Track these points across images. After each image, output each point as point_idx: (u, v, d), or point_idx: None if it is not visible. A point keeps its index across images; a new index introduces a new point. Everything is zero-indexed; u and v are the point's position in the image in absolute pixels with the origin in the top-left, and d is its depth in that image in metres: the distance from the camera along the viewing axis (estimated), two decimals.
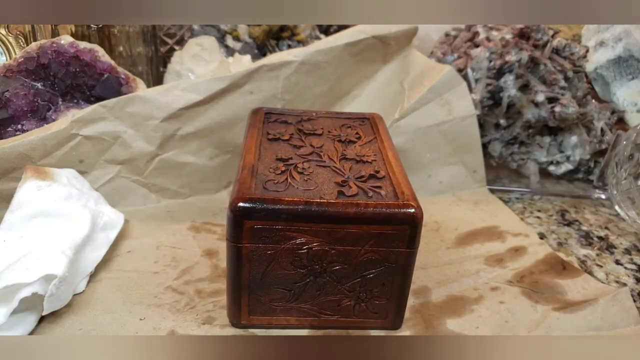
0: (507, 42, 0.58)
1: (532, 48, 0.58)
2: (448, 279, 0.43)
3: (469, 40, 0.62)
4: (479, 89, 0.57)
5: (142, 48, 0.64)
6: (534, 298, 0.40)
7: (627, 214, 0.52)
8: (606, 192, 0.58)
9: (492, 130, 0.59)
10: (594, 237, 0.51)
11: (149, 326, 0.36)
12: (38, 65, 0.48)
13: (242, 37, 0.67)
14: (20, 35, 0.53)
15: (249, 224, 0.32)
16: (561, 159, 0.60)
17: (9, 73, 0.48)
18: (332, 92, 0.56)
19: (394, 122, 0.55)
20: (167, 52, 0.67)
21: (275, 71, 0.52)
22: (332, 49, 0.53)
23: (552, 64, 0.58)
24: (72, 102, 0.50)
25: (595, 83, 0.65)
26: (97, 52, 0.50)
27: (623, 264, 0.47)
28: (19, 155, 0.44)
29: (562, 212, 0.56)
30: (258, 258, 0.33)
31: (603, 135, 0.59)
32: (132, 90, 0.51)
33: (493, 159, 0.60)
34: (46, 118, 0.49)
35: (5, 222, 0.39)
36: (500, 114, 0.58)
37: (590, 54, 0.64)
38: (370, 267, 0.34)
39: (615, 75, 0.63)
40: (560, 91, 0.57)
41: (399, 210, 0.33)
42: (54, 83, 0.49)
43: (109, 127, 0.47)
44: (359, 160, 0.38)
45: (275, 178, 0.34)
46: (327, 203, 0.32)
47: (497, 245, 0.48)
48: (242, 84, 0.51)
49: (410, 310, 0.38)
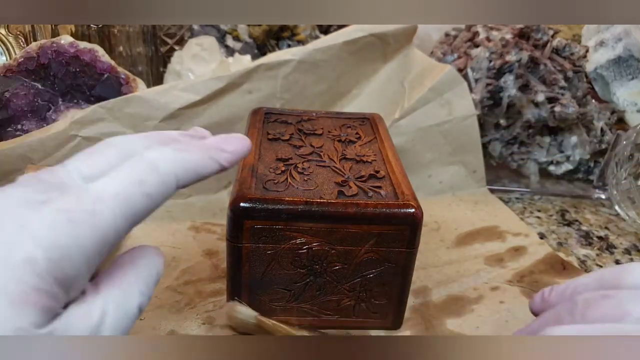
0: (507, 42, 0.58)
1: (532, 48, 0.58)
2: (448, 279, 0.43)
3: (469, 40, 0.62)
4: (479, 89, 0.57)
5: (142, 48, 0.64)
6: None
7: (627, 214, 0.52)
8: (606, 192, 0.58)
9: (492, 130, 0.59)
10: (594, 237, 0.51)
11: (149, 326, 0.36)
12: (38, 65, 0.48)
13: (242, 37, 0.67)
14: (20, 35, 0.53)
15: (249, 224, 0.32)
16: (561, 159, 0.60)
17: (9, 73, 0.48)
18: (332, 91, 0.56)
19: (394, 122, 0.54)
20: (167, 52, 0.67)
21: (274, 70, 0.52)
22: (330, 48, 0.53)
23: (552, 64, 0.58)
24: (72, 102, 0.50)
25: (595, 83, 0.65)
26: (97, 52, 0.50)
27: (623, 263, 0.47)
28: (19, 157, 0.44)
29: (562, 212, 0.56)
30: (258, 258, 0.33)
31: (603, 135, 0.59)
32: (132, 91, 0.51)
33: (493, 159, 0.60)
34: (46, 118, 0.49)
35: None
36: (500, 114, 0.58)
37: (590, 54, 0.64)
38: (370, 267, 0.34)
39: (615, 75, 0.63)
40: (560, 91, 0.57)
41: (399, 210, 0.33)
42: (54, 83, 0.49)
43: (108, 128, 0.47)
44: (359, 160, 0.38)
45: (275, 178, 0.34)
46: (327, 203, 0.32)
47: (497, 245, 0.48)
48: (241, 84, 0.51)
49: (410, 310, 0.38)
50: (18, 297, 0.19)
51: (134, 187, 0.24)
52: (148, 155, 0.25)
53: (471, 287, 0.42)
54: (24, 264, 0.20)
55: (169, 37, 0.67)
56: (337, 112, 0.47)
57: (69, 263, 0.21)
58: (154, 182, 0.24)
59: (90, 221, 0.22)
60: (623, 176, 0.51)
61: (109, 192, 0.23)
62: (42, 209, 0.21)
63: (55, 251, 0.20)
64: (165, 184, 0.25)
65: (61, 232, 0.21)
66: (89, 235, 0.21)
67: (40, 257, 0.20)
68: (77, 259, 0.21)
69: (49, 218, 0.21)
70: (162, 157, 0.25)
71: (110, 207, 0.23)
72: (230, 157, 0.29)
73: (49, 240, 0.20)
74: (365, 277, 0.34)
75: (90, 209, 0.22)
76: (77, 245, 0.21)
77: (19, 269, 0.19)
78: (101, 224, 0.22)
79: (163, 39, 0.67)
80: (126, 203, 0.23)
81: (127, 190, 0.23)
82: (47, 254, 0.20)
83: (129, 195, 0.23)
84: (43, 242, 0.20)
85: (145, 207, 0.24)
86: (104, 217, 0.22)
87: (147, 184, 0.24)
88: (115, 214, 0.23)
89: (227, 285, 0.35)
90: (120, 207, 0.23)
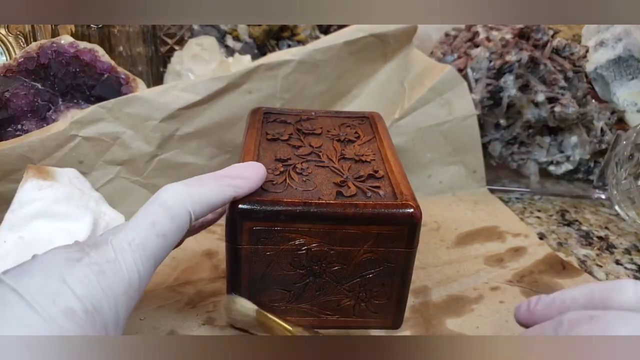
0: (507, 42, 0.58)
1: (532, 48, 0.58)
2: (448, 279, 0.43)
3: (469, 40, 0.62)
4: (479, 89, 0.57)
5: (142, 48, 0.64)
6: None
7: (627, 214, 0.52)
8: (606, 192, 0.58)
9: (492, 130, 0.59)
10: (594, 237, 0.51)
11: (149, 326, 0.36)
12: (38, 65, 0.48)
13: (242, 37, 0.67)
14: (20, 35, 0.53)
15: (248, 226, 0.32)
16: (561, 159, 0.60)
17: (9, 73, 0.48)
18: (332, 91, 0.56)
19: (394, 122, 0.54)
20: (167, 52, 0.67)
21: (274, 70, 0.52)
22: (330, 48, 0.53)
23: (552, 64, 0.58)
24: (72, 102, 0.50)
25: (595, 83, 0.65)
26: (97, 52, 0.50)
27: (623, 264, 0.47)
28: (19, 157, 0.44)
29: (562, 212, 0.56)
30: (257, 259, 0.33)
31: (603, 135, 0.59)
32: (132, 90, 0.51)
33: (493, 159, 0.60)
34: (46, 118, 0.49)
35: (6, 222, 0.39)
36: (500, 114, 0.58)
37: (590, 54, 0.64)
38: (370, 267, 0.34)
39: (615, 75, 0.63)
40: (560, 91, 0.57)
41: (398, 210, 0.33)
42: (54, 83, 0.49)
43: (108, 128, 0.47)
44: (358, 159, 0.38)
45: (274, 179, 0.34)
46: (326, 204, 0.32)
47: (497, 245, 0.48)
48: (241, 84, 0.51)
49: (410, 310, 0.38)
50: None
51: (147, 230, 0.26)
52: (159, 196, 0.28)
53: (471, 287, 0.42)
54: (64, 316, 0.22)
55: (169, 37, 0.67)
56: (336, 111, 0.47)
57: (101, 311, 0.24)
58: (165, 221, 0.27)
59: (114, 270, 0.25)
60: (623, 176, 0.51)
61: (127, 240, 0.26)
62: (77, 265, 0.24)
63: (88, 302, 0.23)
64: (178, 220, 0.28)
65: (92, 284, 0.24)
66: (115, 283, 0.24)
67: (78, 308, 0.23)
68: (108, 307, 0.24)
69: (82, 272, 0.24)
70: (171, 195, 0.28)
71: (129, 254, 0.25)
72: (246, 183, 0.31)
73: (82, 292, 0.23)
74: (364, 277, 0.34)
75: (113, 258, 0.25)
76: (106, 294, 0.24)
77: (59, 319, 0.22)
78: (123, 271, 0.25)
79: (163, 39, 0.67)
80: (142, 247, 0.26)
81: (141, 235, 0.26)
82: (83, 305, 0.23)
83: (144, 239, 0.26)
84: (79, 294, 0.23)
85: (162, 247, 0.27)
86: (125, 265, 0.25)
87: (159, 224, 0.27)
88: (135, 259, 0.25)
89: (227, 286, 0.35)
90: (138, 252, 0.26)
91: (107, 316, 0.24)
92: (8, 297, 0.22)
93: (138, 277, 0.26)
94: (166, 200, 0.27)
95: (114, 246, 0.25)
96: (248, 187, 0.31)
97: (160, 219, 0.27)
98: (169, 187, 0.28)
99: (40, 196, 0.40)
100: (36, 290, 0.22)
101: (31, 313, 0.22)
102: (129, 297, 0.25)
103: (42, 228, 0.38)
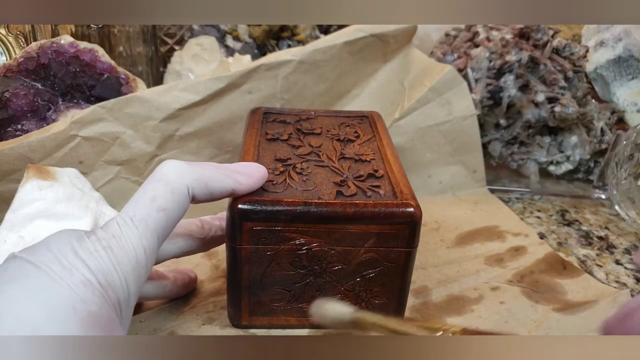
0: (507, 42, 0.58)
1: (532, 48, 0.58)
2: (448, 279, 0.43)
3: (469, 40, 0.62)
4: (479, 89, 0.57)
5: (142, 48, 0.64)
6: (534, 298, 0.40)
7: (627, 214, 0.52)
8: (606, 192, 0.58)
9: (492, 130, 0.59)
10: (594, 237, 0.51)
11: (149, 327, 0.36)
12: (38, 65, 0.48)
13: (242, 37, 0.67)
14: (20, 35, 0.53)
15: (248, 226, 0.32)
16: (561, 159, 0.60)
17: (9, 73, 0.48)
18: (332, 91, 0.56)
19: (394, 122, 0.55)
20: (167, 52, 0.67)
21: (274, 70, 0.52)
22: (330, 48, 0.53)
23: (552, 64, 0.58)
24: (72, 102, 0.50)
25: (595, 83, 0.65)
26: (97, 52, 0.50)
27: (623, 264, 0.47)
28: (19, 157, 0.44)
29: (562, 212, 0.56)
30: (258, 259, 0.33)
31: (603, 135, 0.59)
32: (132, 90, 0.51)
33: (493, 159, 0.60)
34: (46, 118, 0.49)
35: (6, 222, 0.39)
36: (500, 114, 0.58)
37: (590, 54, 0.64)
38: (370, 267, 0.34)
39: (615, 75, 0.63)
40: (560, 91, 0.57)
41: (398, 209, 0.33)
42: (54, 83, 0.49)
43: (108, 128, 0.47)
44: (358, 159, 0.38)
45: (274, 179, 0.34)
46: (326, 203, 0.32)
47: (497, 245, 0.48)
48: (241, 84, 0.51)
49: (410, 310, 0.38)
50: (86, 317, 0.22)
51: (147, 206, 0.27)
52: (159, 170, 0.28)
53: (471, 287, 0.42)
54: (84, 286, 0.23)
55: (169, 37, 0.67)
56: (335, 111, 0.47)
57: (114, 286, 0.24)
58: (165, 195, 0.27)
59: (121, 245, 0.25)
60: (623, 176, 0.51)
61: (129, 216, 0.26)
62: (86, 240, 0.25)
63: (102, 276, 0.24)
64: (177, 194, 0.28)
65: (102, 259, 0.24)
66: (123, 259, 0.25)
67: (94, 281, 0.23)
68: (120, 282, 0.25)
69: (92, 247, 0.24)
70: (171, 169, 0.28)
71: (132, 229, 0.26)
72: (247, 180, 0.31)
73: (95, 266, 0.24)
74: (364, 277, 0.34)
75: (118, 233, 0.25)
76: (116, 269, 0.24)
77: (79, 290, 0.23)
78: (129, 246, 0.25)
79: (163, 39, 0.67)
80: (144, 223, 0.26)
81: (142, 211, 0.26)
82: (96, 279, 0.24)
83: (145, 215, 0.26)
84: (92, 268, 0.24)
85: (164, 222, 0.27)
86: (131, 240, 0.26)
87: (159, 198, 0.27)
88: (139, 233, 0.26)
89: (227, 286, 0.35)
90: (141, 227, 0.26)
91: (119, 291, 0.24)
92: (28, 270, 0.23)
93: (144, 252, 0.26)
94: (165, 174, 0.27)
95: (117, 222, 0.26)
96: (248, 184, 0.31)
97: (160, 194, 0.27)
98: (169, 162, 0.28)
99: (41, 196, 0.40)
100: (53, 263, 0.23)
101: (53, 284, 0.22)
102: (138, 274, 0.26)
103: (43, 228, 0.38)
